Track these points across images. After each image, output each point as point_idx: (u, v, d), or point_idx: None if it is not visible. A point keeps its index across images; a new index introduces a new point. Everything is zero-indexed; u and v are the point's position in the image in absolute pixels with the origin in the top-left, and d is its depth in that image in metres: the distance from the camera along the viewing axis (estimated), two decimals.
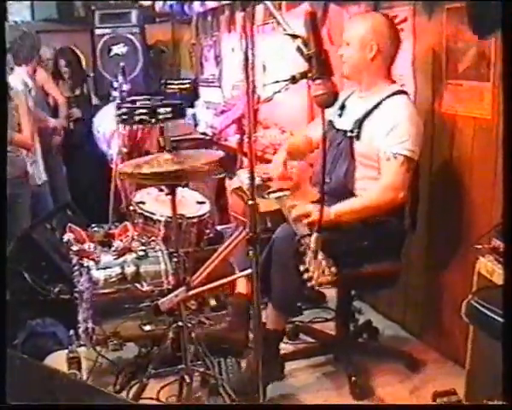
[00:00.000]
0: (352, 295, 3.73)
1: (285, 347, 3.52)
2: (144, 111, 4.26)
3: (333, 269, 2.57)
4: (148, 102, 4.44)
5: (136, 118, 4.26)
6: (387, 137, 3.20)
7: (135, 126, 4.49)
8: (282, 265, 3.06)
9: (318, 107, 2.07)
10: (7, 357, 2.48)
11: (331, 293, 3.94)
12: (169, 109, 4.26)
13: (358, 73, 3.38)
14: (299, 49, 2.00)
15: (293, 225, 2.97)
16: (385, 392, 3.38)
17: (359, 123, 3.32)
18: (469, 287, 2.79)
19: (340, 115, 3.47)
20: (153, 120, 4.26)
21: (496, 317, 2.28)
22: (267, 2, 2.08)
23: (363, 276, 3.29)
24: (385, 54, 3.32)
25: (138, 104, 4.37)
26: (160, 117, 4.22)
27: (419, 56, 3.66)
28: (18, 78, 5.14)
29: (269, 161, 4.07)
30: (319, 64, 1.98)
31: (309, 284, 2.52)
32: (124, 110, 4.31)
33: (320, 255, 2.57)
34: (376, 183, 3.26)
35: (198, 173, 3.01)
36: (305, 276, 2.56)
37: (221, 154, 3.22)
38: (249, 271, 2.26)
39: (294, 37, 2.00)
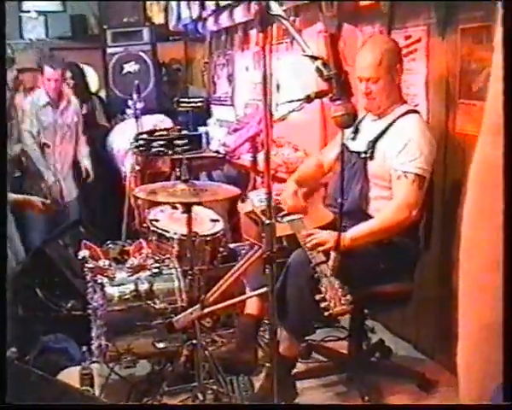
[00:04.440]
0: (364, 314, 3.72)
1: (297, 365, 3.51)
2: (162, 143, 4.30)
3: (348, 297, 2.59)
4: (165, 133, 4.49)
5: (154, 150, 4.31)
6: (398, 155, 3.21)
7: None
8: (297, 290, 3.06)
9: (338, 127, 2.09)
10: (17, 365, 2.51)
11: None
12: (186, 141, 4.31)
13: (387, 101, 3.35)
14: (318, 70, 2.02)
15: (309, 253, 2.97)
16: None
17: (372, 143, 3.33)
18: None
19: (354, 138, 3.46)
20: (170, 152, 4.30)
21: None
22: (286, 23, 2.10)
23: (376, 296, 3.30)
24: (401, 74, 3.35)
25: (155, 135, 4.42)
26: (178, 149, 4.27)
27: (432, 76, 3.67)
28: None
29: (282, 180, 4.08)
30: (339, 85, 2.00)
31: (326, 314, 2.53)
32: (141, 142, 4.34)
33: (336, 283, 2.58)
34: (390, 203, 3.26)
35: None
36: (322, 305, 2.57)
37: (238, 191, 3.25)
38: (265, 289, 2.27)
39: (314, 58, 2.02)
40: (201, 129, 6.39)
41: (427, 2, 3.61)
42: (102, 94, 7.06)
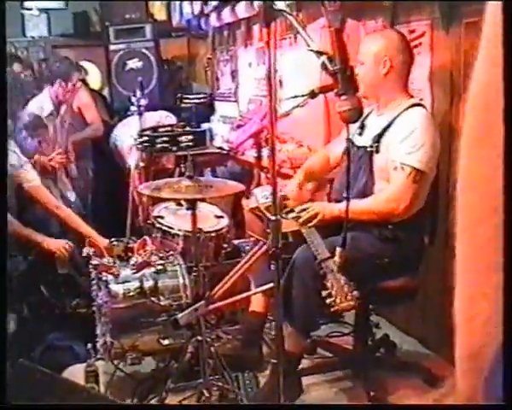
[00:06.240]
0: (369, 309, 3.72)
1: (302, 361, 3.51)
2: (166, 139, 4.29)
3: (355, 293, 2.58)
4: (169, 129, 4.48)
5: (158, 146, 4.30)
6: (399, 147, 3.20)
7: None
8: (303, 286, 3.06)
9: (344, 122, 2.09)
10: (19, 363, 2.51)
11: None
12: (190, 137, 4.30)
13: (374, 91, 3.37)
14: (323, 65, 2.01)
15: (314, 249, 2.96)
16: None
17: (378, 137, 3.32)
18: None
19: (360, 134, 3.46)
20: (174, 148, 4.29)
21: None
22: (291, 18, 2.09)
23: (381, 291, 3.29)
24: (398, 69, 3.31)
25: (160, 132, 4.41)
26: (182, 145, 4.26)
27: (436, 71, 3.66)
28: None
29: (286, 176, 4.07)
30: (345, 80, 2.00)
31: (332, 310, 2.53)
32: (145, 138, 4.33)
33: (342, 279, 2.58)
34: (384, 190, 3.27)
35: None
36: (328, 301, 2.57)
37: (243, 187, 3.24)
38: (271, 285, 2.26)
39: (320, 53, 2.01)
40: (205, 125, 6.39)
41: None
42: (105, 91, 7.07)
